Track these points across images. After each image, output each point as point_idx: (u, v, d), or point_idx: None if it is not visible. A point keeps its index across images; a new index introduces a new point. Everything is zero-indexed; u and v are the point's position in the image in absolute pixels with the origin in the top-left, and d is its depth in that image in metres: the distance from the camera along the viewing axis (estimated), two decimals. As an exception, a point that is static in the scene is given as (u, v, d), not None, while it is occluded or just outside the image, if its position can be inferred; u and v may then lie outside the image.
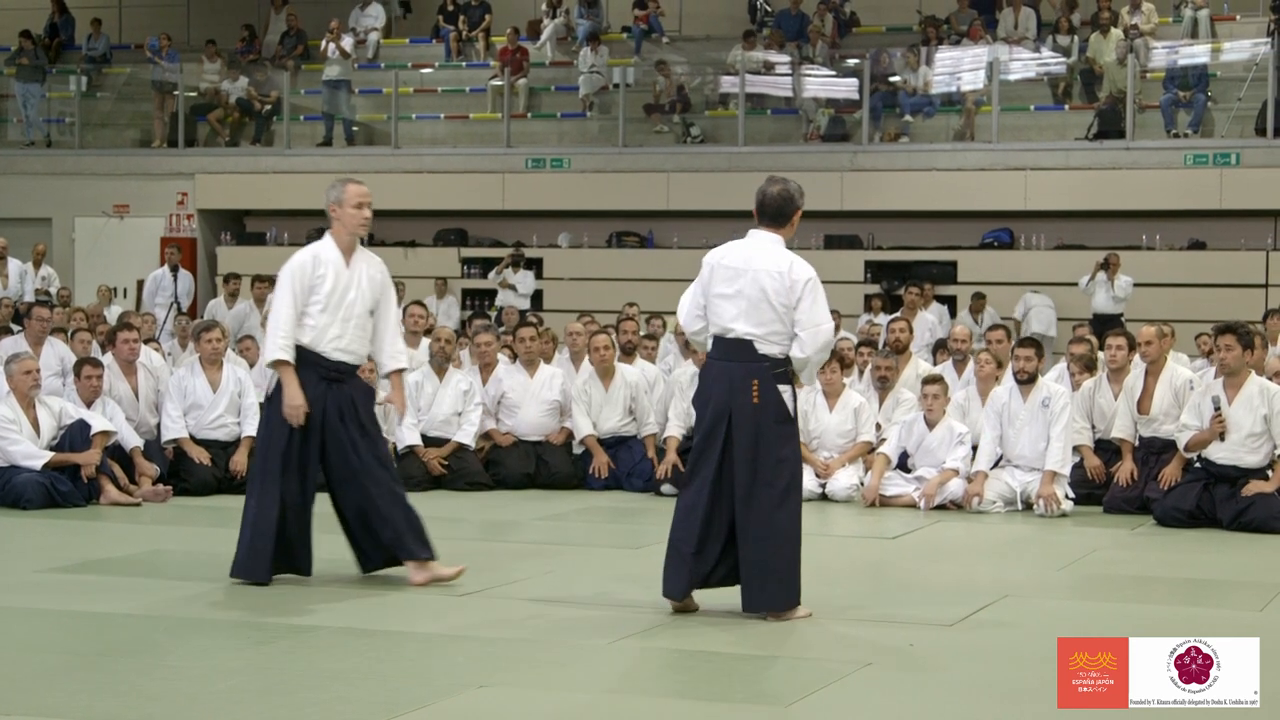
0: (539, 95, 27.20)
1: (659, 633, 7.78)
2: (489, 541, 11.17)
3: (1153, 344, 12.56)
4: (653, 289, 23.09)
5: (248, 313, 20.55)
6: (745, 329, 7.99)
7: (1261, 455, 11.54)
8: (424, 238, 25.68)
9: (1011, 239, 23.41)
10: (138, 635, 7.64)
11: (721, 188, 24.07)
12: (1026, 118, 24.57)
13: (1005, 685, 6.79)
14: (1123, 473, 12.38)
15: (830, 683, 6.77)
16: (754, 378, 7.95)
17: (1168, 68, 24.01)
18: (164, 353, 15.68)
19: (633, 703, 6.55)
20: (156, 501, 12.36)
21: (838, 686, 6.73)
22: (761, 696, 6.62)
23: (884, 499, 12.54)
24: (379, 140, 27.01)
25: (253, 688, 6.62)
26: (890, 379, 13.88)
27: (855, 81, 25.09)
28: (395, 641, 7.61)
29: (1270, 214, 22.60)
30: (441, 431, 13.64)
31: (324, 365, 8.88)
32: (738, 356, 8.00)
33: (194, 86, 27.84)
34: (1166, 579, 9.71)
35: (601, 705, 6.50)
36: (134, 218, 26.84)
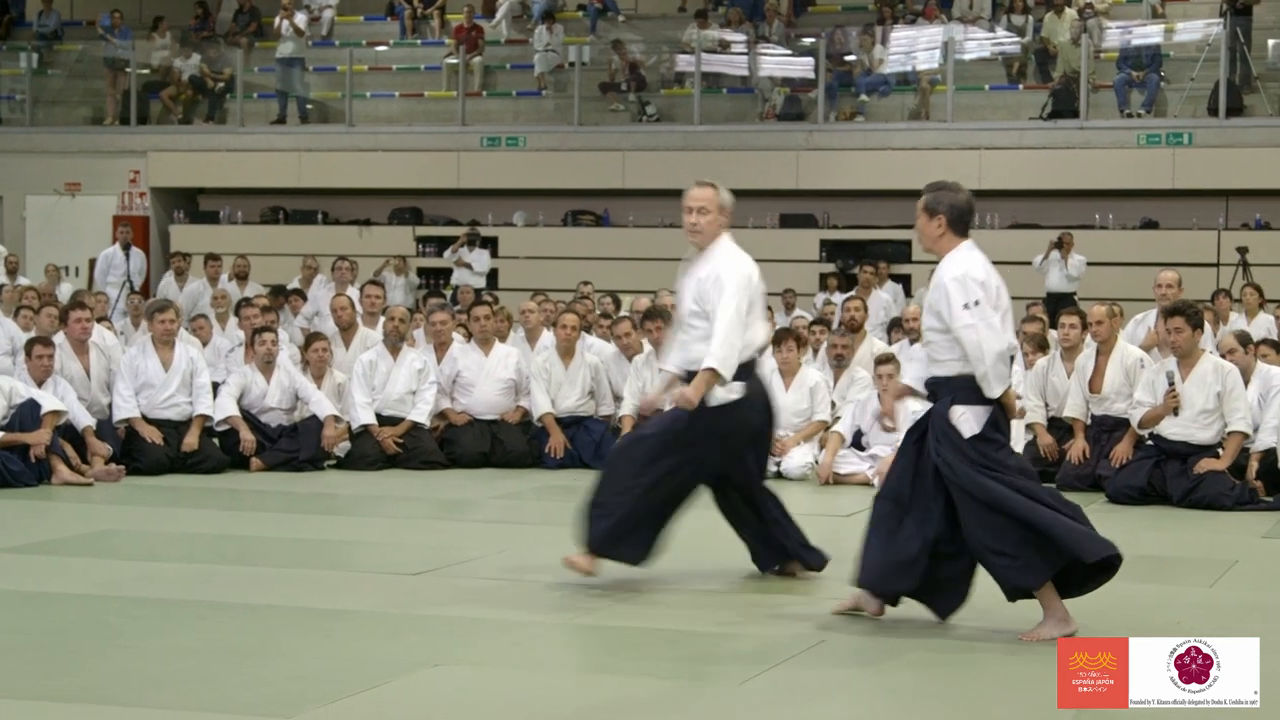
0: (494, 73, 27.14)
1: (613, 611, 7.79)
2: (444, 520, 11.16)
3: (1103, 323, 12.62)
4: (608, 268, 23.10)
5: (201, 291, 20.44)
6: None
7: (1213, 432, 11.62)
8: (379, 216, 25.61)
9: (967, 218, 23.44)
10: (90, 615, 7.61)
11: (677, 166, 24.00)
12: (981, 97, 24.65)
13: (959, 648, 6.84)
14: (1075, 451, 12.44)
15: (782, 660, 6.79)
16: None
17: (1121, 48, 24.13)
18: (116, 332, 15.61)
19: (586, 680, 6.57)
20: (108, 481, 12.30)
21: (790, 664, 6.75)
22: (713, 674, 6.64)
23: (838, 477, 12.57)
24: (333, 118, 26.89)
25: (207, 667, 6.59)
26: (845, 358, 13.92)
27: (811, 60, 25.12)
28: (350, 620, 7.60)
29: (1221, 194, 22.75)
30: (396, 410, 13.61)
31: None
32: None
33: (146, 64, 27.67)
34: (1118, 556, 9.76)
35: (555, 683, 6.50)
36: (86, 196, 26.67)
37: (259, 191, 26.16)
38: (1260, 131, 22.72)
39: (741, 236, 8.90)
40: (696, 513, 11.68)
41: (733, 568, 9.11)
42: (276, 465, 13.10)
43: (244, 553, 9.44)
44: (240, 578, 8.59)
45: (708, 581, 8.64)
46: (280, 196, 26.05)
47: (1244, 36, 23.23)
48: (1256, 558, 9.72)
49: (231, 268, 20.97)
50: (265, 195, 26.18)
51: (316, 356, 13.73)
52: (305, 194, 26.04)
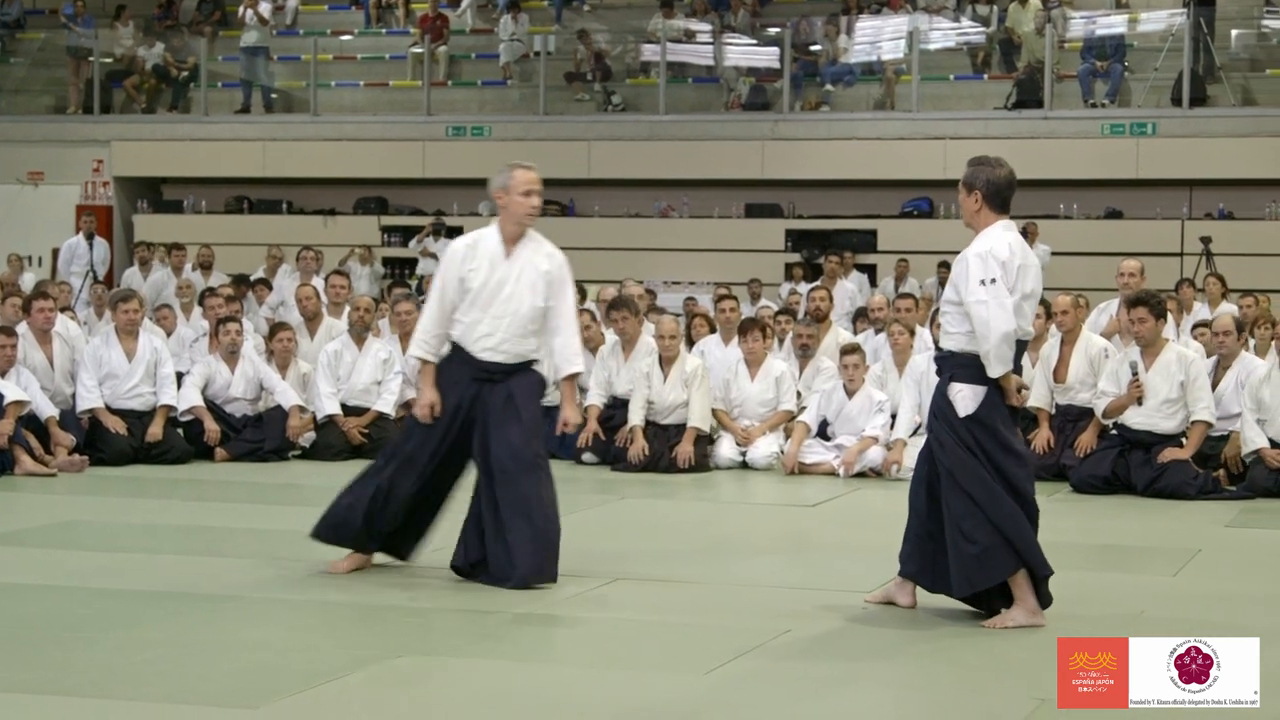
0: (459, 63, 27.07)
1: (578, 601, 7.79)
2: (409, 511, 11.12)
3: (1068, 313, 12.67)
4: (573, 257, 22.80)
5: (165, 281, 20.37)
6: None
7: (1176, 422, 11.68)
8: (344, 206, 25.54)
9: (931, 208, 23.54)
10: (53, 606, 7.57)
11: (642, 156, 24.09)
12: (946, 87, 24.69)
13: (928, 637, 6.87)
14: (1039, 440, 12.48)
15: (748, 650, 6.80)
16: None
17: (1085, 38, 24.20)
18: (80, 321, 15.55)
19: (552, 671, 6.56)
20: (72, 471, 12.25)
21: (756, 654, 6.76)
22: (680, 664, 6.64)
23: (803, 467, 12.59)
24: (298, 108, 26.81)
25: (171, 658, 6.57)
26: (811, 347, 13.94)
27: (776, 50, 25.12)
28: (314, 611, 7.59)
29: (1185, 183, 22.83)
30: (361, 400, 13.58)
31: (475, 364, 8.22)
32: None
33: (109, 52, 27.54)
34: (1082, 545, 9.79)
35: (519, 674, 6.50)
36: (49, 185, 26.54)
37: (223, 181, 26.06)
38: (1224, 121, 22.81)
39: (707, 226, 8.89)
40: (650, 506, 11.70)
41: (699, 560, 9.13)
42: (241, 456, 13.06)
43: (209, 543, 9.41)
44: (205, 568, 8.56)
45: (673, 573, 8.64)
46: (245, 186, 25.96)
47: (1207, 27, 23.32)
48: (1219, 547, 9.76)
49: (196, 257, 20.89)
50: (230, 185, 26.09)
51: (281, 346, 13.70)
52: (270, 183, 25.96)
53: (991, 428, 7.29)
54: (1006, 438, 7.36)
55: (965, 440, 7.26)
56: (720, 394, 13.25)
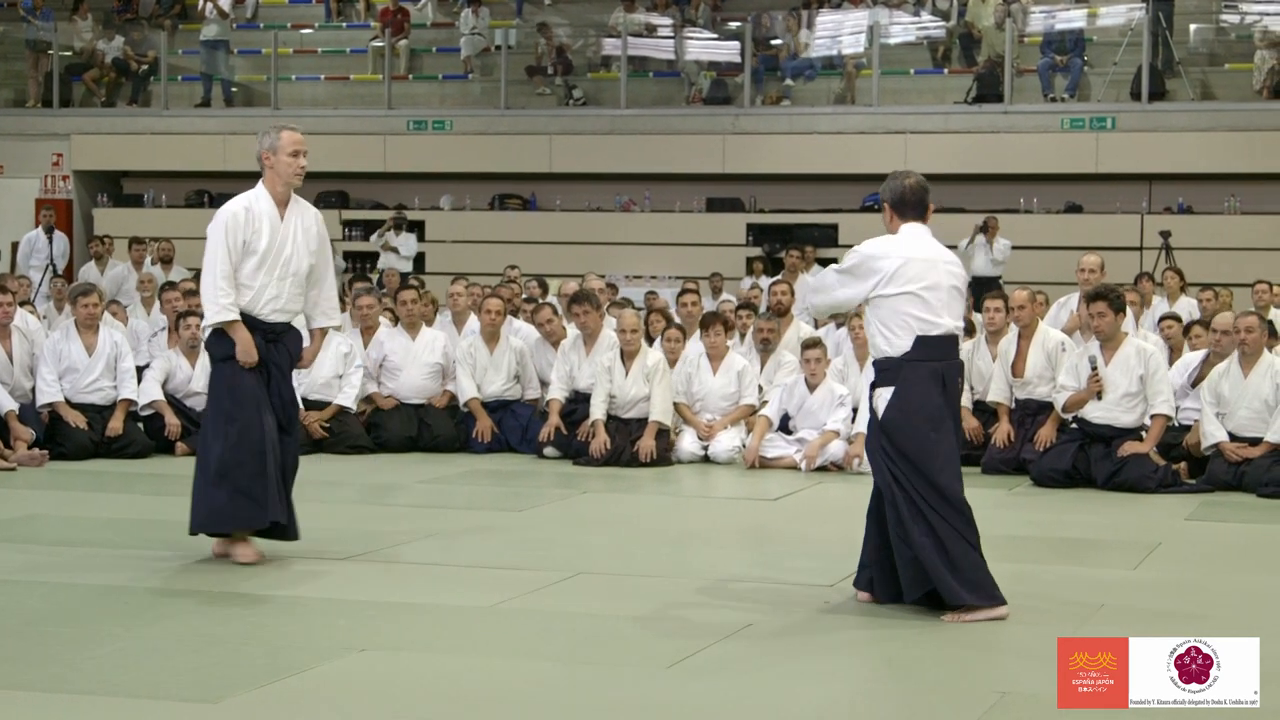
0: (420, 57, 27.03)
1: (540, 596, 7.79)
2: (370, 505, 11.12)
3: (1025, 308, 12.71)
4: (535, 251, 23.07)
5: (125, 275, 20.29)
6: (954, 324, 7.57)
7: (1136, 415, 11.73)
8: (305, 200, 25.40)
9: (891, 202, 23.55)
10: (12, 601, 7.54)
11: (604, 150, 24.09)
12: (906, 81, 24.75)
13: (893, 629, 6.91)
14: (1000, 434, 12.52)
15: (710, 644, 6.81)
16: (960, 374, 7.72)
17: (1045, 32, 24.29)
18: (40, 316, 15.47)
19: (513, 666, 6.56)
20: (32, 466, 12.20)
21: (717, 647, 6.77)
22: (641, 658, 6.65)
23: (765, 461, 12.60)
24: (258, 101, 26.73)
25: (130, 653, 6.56)
26: (772, 341, 13.95)
27: (737, 44, 25.16)
28: (274, 606, 7.58)
29: (1144, 178, 22.93)
30: (322, 394, 13.55)
31: (263, 327, 8.49)
32: (951, 353, 7.57)
33: (69, 45, 27.42)
34: (1043, 538, 9.84)
35: (481, 668, 6.50)
36: (8, 178, 26.41)
37: (183, 175, 25.97)
38: (1182, 116, 22.90)
39: (669, 220, 8.91)
40: (612, 500, 11.74)
41: (661, 554, 9.15)
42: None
43: (169, 537, 9.36)
44: (165, 563, 8.54)
45: (635, 567, 8.65)
46: (205, 180, 25.84)
47: (1166, 21, 23.44)
48: (1179, 540, 9.81)
49: (155, 251, 20.80)
50: (190, 179, 25.99)
51: (242, 341, 13.65)
52: (230, 177, 25.68)
53: (909, 429, 7.32)
54: (926, 436, 7.34)
55: (885, 447, 7.35)
56: (682, 388, 13.26)
